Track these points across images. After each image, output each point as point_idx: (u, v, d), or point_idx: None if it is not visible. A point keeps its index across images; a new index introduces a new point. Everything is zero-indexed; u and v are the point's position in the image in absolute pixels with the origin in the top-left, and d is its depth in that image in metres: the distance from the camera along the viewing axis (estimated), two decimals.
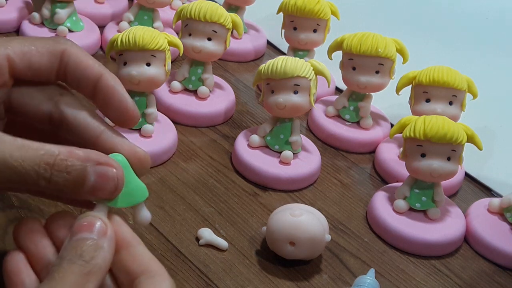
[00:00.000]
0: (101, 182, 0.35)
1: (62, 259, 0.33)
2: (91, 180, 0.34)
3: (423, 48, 0.77)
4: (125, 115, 0.39)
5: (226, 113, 0.66)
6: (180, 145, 0.60)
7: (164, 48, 0.56)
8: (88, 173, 0.34)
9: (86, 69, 0.38)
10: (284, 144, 0.59)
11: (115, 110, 0.38)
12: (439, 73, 0.61)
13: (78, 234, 0.34)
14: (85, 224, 0.34)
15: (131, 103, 0.39)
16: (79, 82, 0.38)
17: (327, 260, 0.51)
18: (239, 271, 0.48)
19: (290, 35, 0.71)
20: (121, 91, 0.38)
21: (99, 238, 0.34)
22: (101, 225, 0.34)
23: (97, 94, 0.38)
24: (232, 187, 0.57)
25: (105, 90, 0.38)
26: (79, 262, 0.32)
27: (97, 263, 0.33)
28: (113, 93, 0.38)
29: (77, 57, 0.38)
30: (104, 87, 0.38)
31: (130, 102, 0.38)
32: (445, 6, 0.86)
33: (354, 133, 0.66)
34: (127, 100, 0.39)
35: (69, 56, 0.38)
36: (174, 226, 0.51)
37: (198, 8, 0.61)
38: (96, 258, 0.33)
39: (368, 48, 0.63)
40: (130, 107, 0.39)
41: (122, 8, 0.78)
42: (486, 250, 0.56)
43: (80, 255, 0.33)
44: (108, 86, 0.38)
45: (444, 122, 0.53)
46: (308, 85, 0.57)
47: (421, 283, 0.52)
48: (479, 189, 0.65)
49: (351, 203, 0.59)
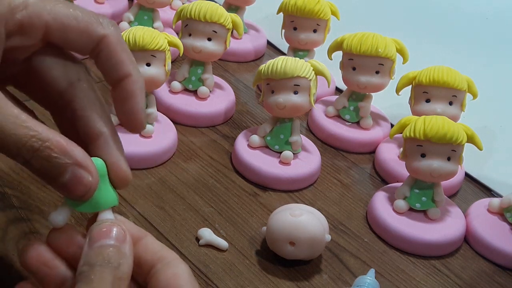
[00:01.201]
0: (73, 184, 0.35)
1: (92, 265, 0.33)
2: (65, 178, 0.35)
3: (423, 48, 0.77)
4: (132, 122, 0.39)
5: (226, 113, 0.66)
6: (180, 145, 0.60)
7: (164, 48, 0.56)
8: (65, 170, 0.34)
9: (116, 64, 0.38)
10: (284, 144, 0.59)
11: (125, 113, 0.39)
12: (439, 73, 0.61)
13: (99, 241, 0.34)
14: (105, 231, 0.34)
15: (142, 114, 0.39)
16: (105, 71, 0.38)
17: (327, 260, 0.51)
18: (239, 271, 0.48)
19: (290, 35, 0.71)
20: (139, 99, 0.38)
21: (121, 244, 0.34)
22: (119, 231, 0.34)
23: (117, 91, 0.38)
24: (232, 187, 0.57)
25: (125, 92, 0.38)
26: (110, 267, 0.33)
27: (124, 270, 0.33)
28: (130, 98, 0.38)
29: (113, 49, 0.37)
30: (125, 88, 0.38)
31: (141, 113, 0.39)
32: (445, 6, 0.86)
33: (354, 133, 0.66)
34: (139, 110, 0.39)
35: (107, 45, 0.37)
36: (174, 226, 0.51)
37: (198, 8, 0.61)
38: (122, 265, 0.33)
39: (368, 48, 0.63)
40: (140, 117, 0.39)
41: (122, 8, 0.78)
42: (486, 250, 0.56)
43: (108, 261, 0.33)
44: (128, 90, 0.38)
45: (444, 122, 0.53)
46: (308, 85, 0.57)
47: (421, 283, 0.52)
48: (479, 189, 0.65)
49: (351, 203, 0.59)
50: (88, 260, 0.33)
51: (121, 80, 0.38)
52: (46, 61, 0.38)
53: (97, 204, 0.37)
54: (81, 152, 0.35)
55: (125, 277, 0.33)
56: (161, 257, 0.35)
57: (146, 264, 0.35)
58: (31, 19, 0.36)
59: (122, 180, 0.38)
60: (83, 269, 0.33)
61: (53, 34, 0.36)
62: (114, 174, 0.38)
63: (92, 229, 0.34)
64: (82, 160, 0.35)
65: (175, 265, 0.35)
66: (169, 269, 0.35)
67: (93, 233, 0.34)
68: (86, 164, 0.35)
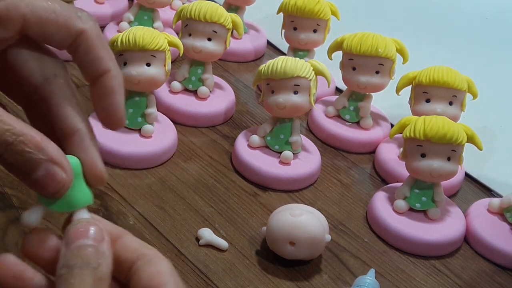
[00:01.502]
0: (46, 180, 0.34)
1: (71, 267, 0.32)
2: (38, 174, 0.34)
3: (423, 48, 0.77)
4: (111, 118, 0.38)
5: (226, 113, 0.66)
6: (180, 145, 0.60)
7: (164, 48, 0.56)
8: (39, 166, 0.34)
9: (95, 59, 0.37)
10: (284, 144, 0.59)
11: (104, 110, 0.38)
12: (439, 73, 0.61)
13: (77, 241, 0.33)
14: (82, 231, 0.33)
15: (122, 110, 0.38)
16: (84, 66, 0.37)
17: (327, 260, 0.51)
18: (239, 271, 0.48)
19: (290, 35, 0.71)
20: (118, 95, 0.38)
21: (99, 244, 0.33)
22: (97, 229, 0.34)
23: (96, 87, 0.38)
24: (232, 187, 0.57)
25: (104, 87, 0.38)
26: (89, 268, 0.32)
27: (103, 271, 0.33)
28: (110, 94, 0.37)
29: (92, 44, 0.37)
30: (104, 84, 0.37)
31: (121, 109, 0.38)
32: (445, 6, 0.86)
33: (354, 133, 0.66)
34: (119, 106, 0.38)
35: (85, 39, 0.37)
36: (174, 226, 0.51)
37: (198, 8, 0.61)
38: (102, 265, 0.33)
39: (368, 48, 0.63)
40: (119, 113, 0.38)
41: (122, 8, 0.78)
42: (486, 250, 0.56)
43: (88, 262, 0.32)
44: (107, 86, 0.37)
45: (444, 122, 0.53)
46: (308, 85, 0.57)
47: (421, 283, 0.52)
48: (479, 189, 0.65)
49: (351, 203, 0.59)
50: (67, 262, 0.32)
51: (100, 76, 0.37)
52: (21, 54, 0.37)
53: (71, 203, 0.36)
54: (55, 148, 0.34)
55: (105, 278, 0.32)
56: (142, 254, 0.35)
57: (126, 262, 0.35)
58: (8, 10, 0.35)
59: (98, 178, 0.37)
60: (62, 272, 0.32)
61: (30, 27, 0.36)
62: (90, 172, 0.37)
63: (68, 230, 0.34)
64: (56, 156, 0.34)
65: (157, 262, 0.35)
66: (151, 267, 0.34)
67: (69, 234, 0.33)
68: (61, 161, 0.34)
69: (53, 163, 0.34)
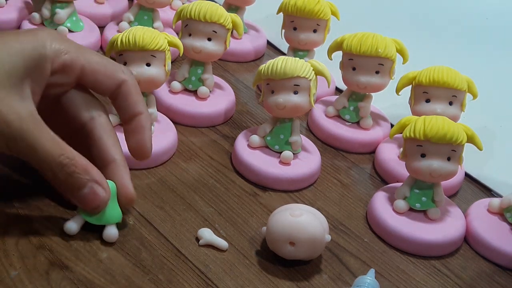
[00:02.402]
0: (90, 197, 0.44)
1: None
2: (84, 191, 0.43)
3: (423, 48, 0.77)
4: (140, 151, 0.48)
5: (226, 113, 0.66)
6: (180, 145, 0.60)
7: (164, 48, 0.56)
8: (85, 185, 0.43)
9: (130, 104, 0.47)
10: (284, 144, 0.59)
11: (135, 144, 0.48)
12: (439, 73, 0.61)
13: None
14: None
15: (149, 148, 0.48)
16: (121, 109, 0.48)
17: (327, 260, 0.51)
18: (239, 271, 0.48)
19: (290, 35, 0.71)
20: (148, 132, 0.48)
21: None
22: None
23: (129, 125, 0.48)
24: (232, 187, 0.57)
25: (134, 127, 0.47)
26: None
27: None
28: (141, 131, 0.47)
29: (129, 92, 0.47)
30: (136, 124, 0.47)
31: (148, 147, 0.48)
32: (445, 6, 0.86)
33: (354, 133, 0.66)
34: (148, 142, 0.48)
35: (126, 88, 0.47)
36: (174, 226, 0.51)
37: (198, 8, 0.61)
38: None
39: (368, 48, 0.63)
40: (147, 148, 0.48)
41: (122, 8, 0.78)
42: (486, 250, 0.56)
43: None
44: (139, 125, 0.47)
45: (444, 122, 0.53)
46: (308, 85, 0.57)
47: (421, 283, 0.52)
48: (479, 189, 0.65)
49: (351, 203, 0.59)
50: None
51: (134, 116, 0.47)
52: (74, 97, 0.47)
53: (105, 218, 0.45)
54: (98, 172, 0.44)
55: None
56: None
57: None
58: (71, 62, 0.44)
59: (128, 200, 0.47)
60: None
61: (86, 75, 0.46)
62: (123, 194, 0.46)
63: None
64: (99, 178, 0.44)
65: None
66: None
67: None
68: (102, 182, 0.44)
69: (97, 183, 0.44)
